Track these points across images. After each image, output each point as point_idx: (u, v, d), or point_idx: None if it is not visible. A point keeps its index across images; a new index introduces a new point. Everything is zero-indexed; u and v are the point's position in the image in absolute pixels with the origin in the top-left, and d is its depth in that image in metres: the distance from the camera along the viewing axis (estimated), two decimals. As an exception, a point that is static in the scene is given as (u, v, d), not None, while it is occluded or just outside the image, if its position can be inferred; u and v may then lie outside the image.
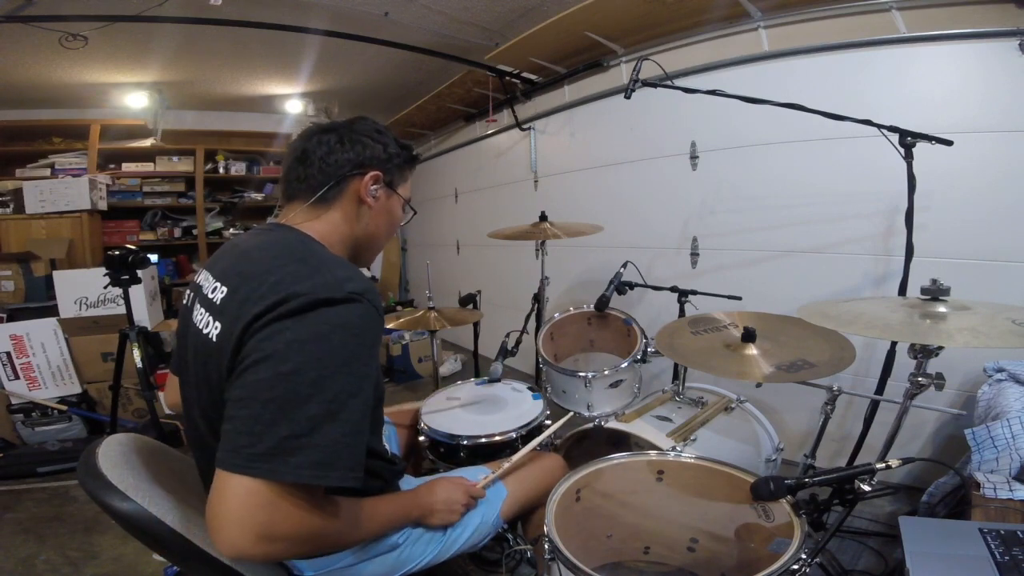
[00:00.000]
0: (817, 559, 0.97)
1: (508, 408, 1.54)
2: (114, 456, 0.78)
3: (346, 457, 0.67)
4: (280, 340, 0.67)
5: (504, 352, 1.83)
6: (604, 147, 2.91)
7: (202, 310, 0.79)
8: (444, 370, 3.76)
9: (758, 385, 1.47)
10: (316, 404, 0.65)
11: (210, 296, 0.78)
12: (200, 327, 0.78)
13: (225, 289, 0.76)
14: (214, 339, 0.74)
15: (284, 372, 0.65)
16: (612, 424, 1.49)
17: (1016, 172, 1.67)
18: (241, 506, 0.62)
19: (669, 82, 1.65)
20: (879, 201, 1.90)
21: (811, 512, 0.88)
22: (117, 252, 2.12)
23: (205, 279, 0.81)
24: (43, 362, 2.73)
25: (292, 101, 4.27)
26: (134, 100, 3.82)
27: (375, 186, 0.91)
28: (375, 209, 0.92)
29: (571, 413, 1.47)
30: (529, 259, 3.39)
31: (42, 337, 2.71)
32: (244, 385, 0.66)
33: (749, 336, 1.29)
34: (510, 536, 1.17)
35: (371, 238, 0.96)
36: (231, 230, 4.57)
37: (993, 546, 0.87)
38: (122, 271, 2.14)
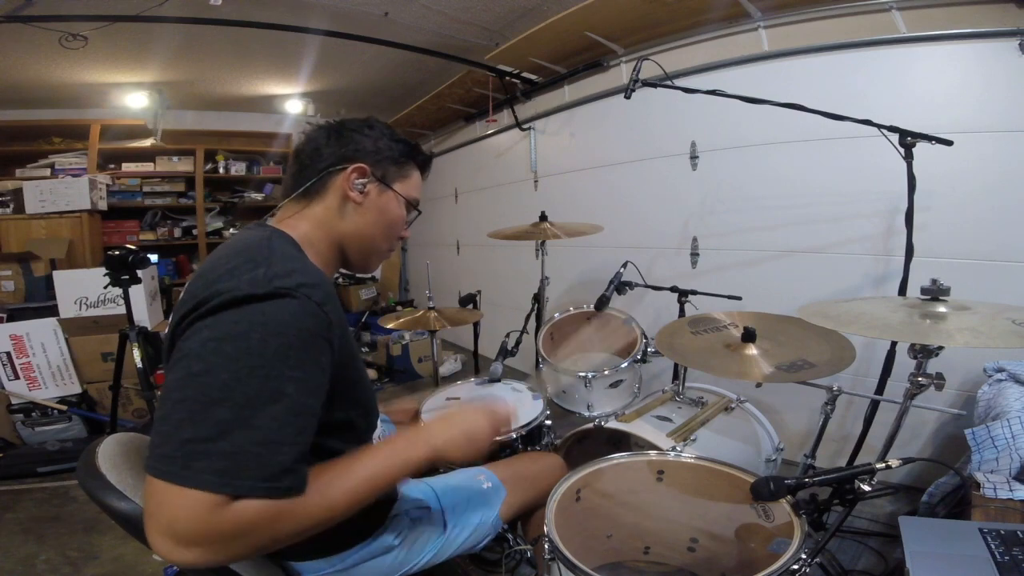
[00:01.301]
0: (817, 559, 0.97)
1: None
2: (114, 456, 0.78)
3: (255, 467, 0.60)
4: (197, 339, 0.64)
5: (504, 352, 1.83)
6: (604, 147, 2.91)
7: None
8: (444, 370, 3.76)
9: (758, 385, 1.46)
10: (226, 408, 0.61)
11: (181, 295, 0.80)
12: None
13: (186, 287, 0.77)
14: (168, 338, 0.75)
15: (195, 372, 0.62)
16: (612, 424, 1.49)
17: (1016, 172, 1.67)
18: (153, 507, 0.60)
19: (669, 82, 1.65)
20: (879, 201, 1.90)
21: (811, 512, 0.88)
22: (117, 252, 2.12)
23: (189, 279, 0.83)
24: (43, 362, 2.73)
25: (292, 101, 4.27)
26: (134, 100, 3.82)
27: (361, 180, 0.87)
28: (364, 205, 0.88)
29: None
30: (529, 259, 3.39)
31: (42, 337, 2.72)
32: (164, 384, 0.65)
33: (749, 336, 1.29)
34: (510, 536, 1.17)
35: (362, 237, 0.90)
36: (231, 230, 4.57)
37: (993, 546, 0.87)
38: (122, 271, 2.14)
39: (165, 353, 0.72)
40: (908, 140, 1.50)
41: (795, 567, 0.78)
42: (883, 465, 0.85)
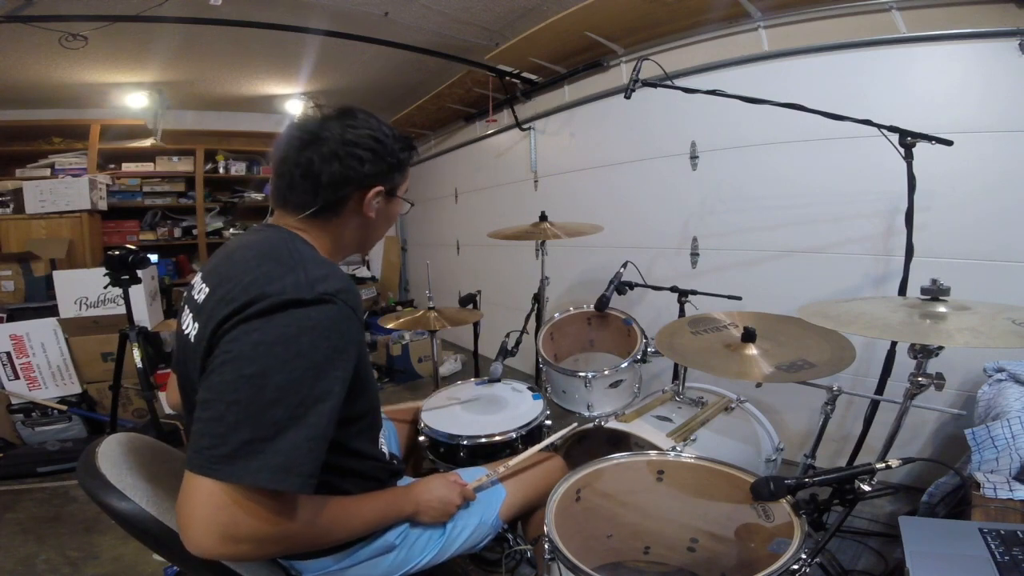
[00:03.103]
0: (817, 559, 0.97)
1: (508, 408, 1.54)
2: (114, 456, 0.78)
3: (308, 463, 0.65)
4: (246, 342, 0.66)
5: (504, 352, 1.83)
6: (604, 147, 2.91)
7: (187, 311, 0.81)
8: (444, 370, 3.76)
9: (758, 385, 1.46)
10: (282, 409, 0.64)
11: (195, 297, 0.79)
12: (184, 328, 0.81)
13: (207, 290, 0.77)
14: (192, 339, 0.76)
15: (248, 374, 0.64)
16: (612, 424, 1.49)
17: (1016, 172, 1.67)
18: (203, 507, 0.62)
19: (669, 82, 1.65)
20: (879, 201, 1.90)
21: (811, 512, 0.88)
22: (117, 252, 2.12)
23: (196, 280, 0.83)
24: (43, 362, 2.73)
25: (292, 101, 4.27)
26: (134, 100, 3.82)
27: (378, 199, 0.88)
28: (376, 217, 0.91)
29: (574, 425, 1.37)
30: (529, 259, 3.39)
31: (42, 337, 2.71)
32: (210, 387, 0.66)
33: (749, 336, 1.29)
34: (510, 536, 1.17)
35: (368, 239, 0.96)
36: (231, 230, 4.57)
37: (993, 546, 0.87)
38: (122, 271, 2.14)
39: (199, 356, 0.71)
40: (908, 140, 1.50)
41: (795, 567, 0.78)
42: (883, 465, 0.86)
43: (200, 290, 0.79)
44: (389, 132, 0.90)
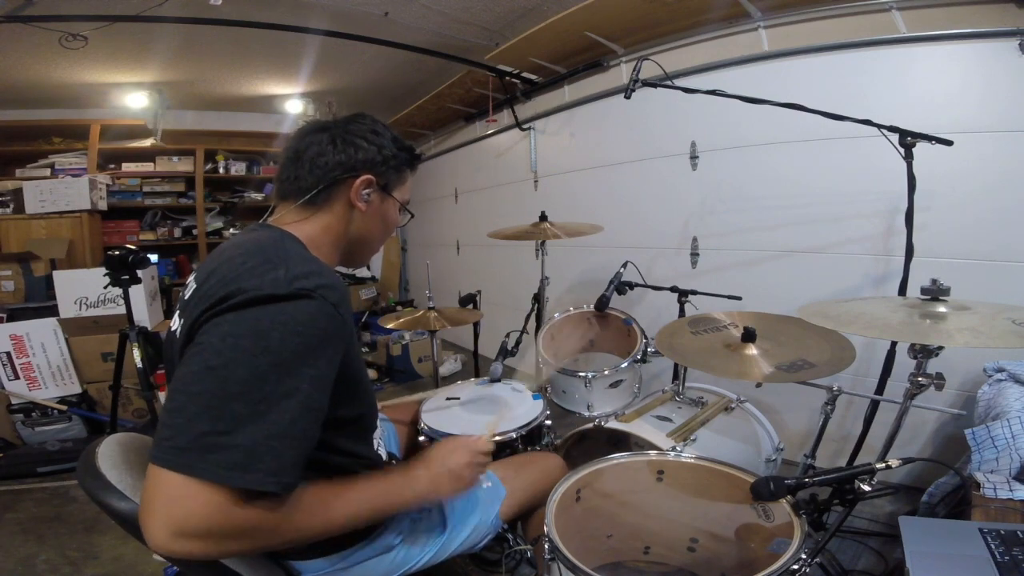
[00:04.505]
0: (817, 559, 0.97)
1: (508, 408, 1.53)
2: (114, 456, 0.78)
3: (268, 460, 0.62)
4: (215, 334, 0.65)
5: (504, 352, 1.83)
6: (604, 147, 2.91)
7: (177, 308, 0.82)
8: (444, 370, 3.76)
9: (758, 385, 1.46)
10: (242, 403, 0.62)
11: (185, 294, 0.81)
12: (172, 325, 0.82)
13: (194, 287, 0.78)
14: (177, 335, 0.77)
15: (213, 366, 0.63)
16: (612, 424, 1.49)
17: (1016, 172, 1.67)
18: (158, 498, 0.60)
19: (669, 82, 1.65)
20: (879, 201, 1.90)
21: (811, 512, 0.88)
22: (117, 252, 2.12)
23: (190, 280, 0.83)
24: (43, 362, 2.73)
25: (292, 101, 4.27)
26: (134, 100, 3.82)
27: (367, 190, 0.89)
28: (367, 213, 0.90)
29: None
30: (529, 259, 3.39)
31: (42, 337, 2.72)
32: (177, 378, 0.66)
33: (749, 336, 1.29)
34: (510, 536, 1.17)
35: (363, 241, 0.94)
36: (231, 230, 4.57)
37: (993, 546, 0.87)
38: (122, 271, 2.14)
39: (179, 350, 0.72)
40: (908, 140, 1.50)
41: (795, 567, 0.78)
42: (883, 465, 0.86)
43: (189, 288, 0.80)
44: (391, 134, 0.93)
